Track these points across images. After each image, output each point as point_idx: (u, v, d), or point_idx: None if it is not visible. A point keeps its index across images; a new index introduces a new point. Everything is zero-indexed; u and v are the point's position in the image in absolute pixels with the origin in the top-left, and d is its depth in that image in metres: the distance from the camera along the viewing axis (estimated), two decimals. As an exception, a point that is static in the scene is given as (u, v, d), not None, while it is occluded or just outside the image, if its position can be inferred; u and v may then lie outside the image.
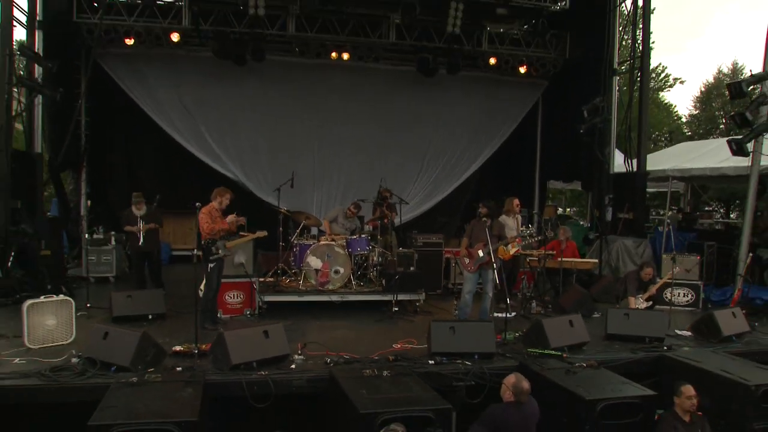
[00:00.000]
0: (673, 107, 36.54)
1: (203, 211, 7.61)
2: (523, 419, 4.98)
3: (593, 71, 13.15)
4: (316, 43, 13.16)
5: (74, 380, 5.46)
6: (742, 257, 9.66)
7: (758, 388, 5.62)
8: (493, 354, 6.40)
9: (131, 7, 12.27)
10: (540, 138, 15.93)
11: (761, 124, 9.04)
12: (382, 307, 8.82)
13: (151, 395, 4.91)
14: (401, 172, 14.11)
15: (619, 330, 7.36)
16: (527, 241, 8.46)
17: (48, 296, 6.72)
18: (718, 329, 7.40)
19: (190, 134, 13.32)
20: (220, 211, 7.75)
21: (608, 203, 12.72)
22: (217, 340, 5.94)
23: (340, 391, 5.23)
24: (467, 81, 14.38)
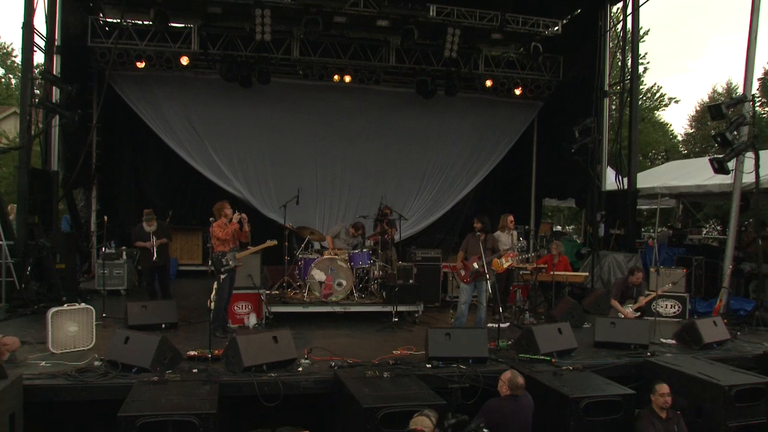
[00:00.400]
0: (668, 126, 37.30)
1: (215, 225, 8.10)
2: (519, 411, 5.44)
3: (586, 92, 13.78)
4: (319, 66, 13.80)
5: (98, 380, 5.93)
6: (726, 270, 10.14)
7: (731, 389, 6.08)
8: (486, 358, 6.88)
9: (143, 32, 12.93)
10: (535, 157, 16.50)
11: (741, 143, 9.60)
12: (383, 318, 9.28)
13: (172, 392, 5.39)
14: (401, 189, 14.67)
15: (606, 338, 7.83)
16: (523, 256, 9.00)
17: (70, 304, 7.21)
18: (700, 337, 7.88)
19: (197, 153, 13.89)
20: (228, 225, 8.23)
21: (600, 219, 13.24)
22: (229, 345, 6.42)
23: (345, 390, 5.71)
24: (464, 102, 15.02)
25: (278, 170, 14.16)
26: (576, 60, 14.42)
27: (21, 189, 10.12)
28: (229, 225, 8.16)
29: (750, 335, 8.90)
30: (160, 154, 14.35)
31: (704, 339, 7.86)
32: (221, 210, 8.26)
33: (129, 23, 12.55)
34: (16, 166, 10.64)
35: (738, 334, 8.80)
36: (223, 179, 14.02)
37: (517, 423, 5.41)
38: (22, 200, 10.15)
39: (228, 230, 8.15)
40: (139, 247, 9.91)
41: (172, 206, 13.86)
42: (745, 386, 6.22)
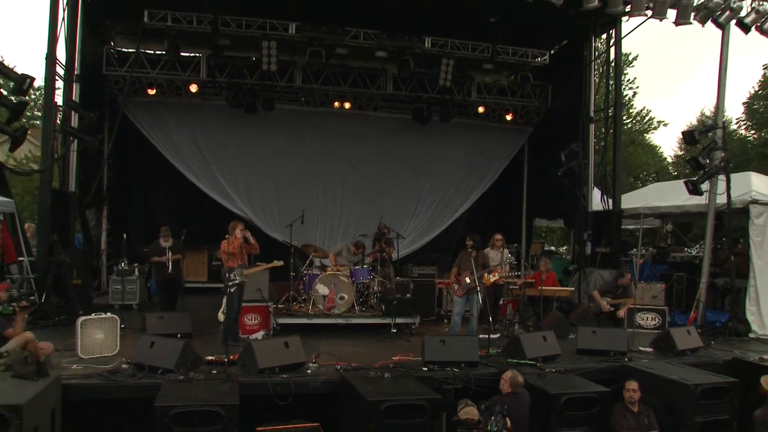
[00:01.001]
0: (658, 148, 38.34)
1: (224, 243, 8.82)
2: (519, 407, 6.20)
3: (573, 118, 14.63)
4: (321, 94, 14.66)
5: (128, 380, 6.62)
6: (701, 286, 10.92)
7: (697, 387, 6.82)
8: (477, 363, 7.60)
9: (154, 60, 13.75)
10: (526, 179, 17.34)
11: (713, 167, 10.44)
12: (382, 330, 9.97)
13: (197, 388, 6.10)
14: (398, 210, 15.43)
15: (588, 345, 8.56)
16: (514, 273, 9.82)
17: (97, 314, 7.91)
18: (674, 344, 8.62)
19: (203, 175, 14.64)
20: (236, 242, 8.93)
21: (587, 238, 14.00)
22: (245, 349, 7.13)
23: (351, 388, 6.42)
24: (458, 127, 15.87)
25: (281, 192, 14.92)
26: (564, 88, 15.31)
27: (43, 208, 10.82)
28: (235, 240, 8.87)
29: (723, 344, 9.64)
30: (168, 177, 15.04)
31: (678, 346, 8.60)
32: (233, 228, 8.98)
33: (142, 52, 13.33)
34: (37, 187, 11.36)
35: (712, 343, 9.55)
36: (229, 200, 14.75)
37: (518, 417, 6.13)
38: (43, 219, 10.84)
39: (234, 245, 8.85)
40: (154, 262, 10.62)
41: (179, 226, 14.54)
42: (709, 385, 6.97)
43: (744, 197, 10.90)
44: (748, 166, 27.47)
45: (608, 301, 10.07)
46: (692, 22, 8.75)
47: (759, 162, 28.07)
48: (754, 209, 10.72)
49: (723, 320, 10.68)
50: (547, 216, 17.14)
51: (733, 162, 30.06)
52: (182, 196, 15.37)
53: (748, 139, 31.63)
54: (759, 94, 30.18)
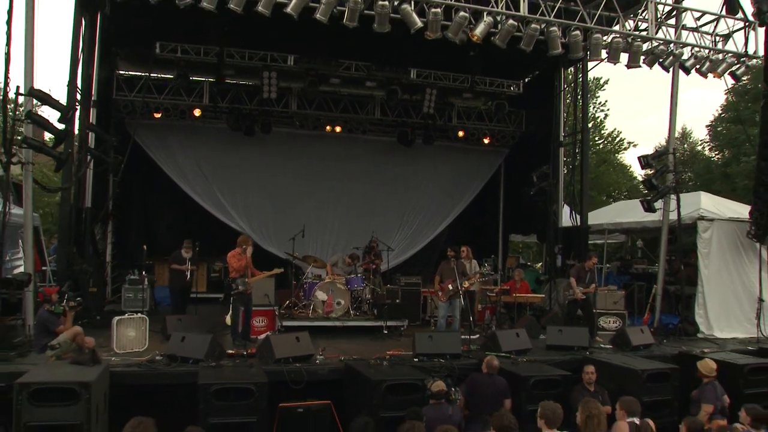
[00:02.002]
0: (628, 167, 40.30)
1: (230, 254, 10.06)
2: (491, 385, 7.51)
3: (545, 142, 16.19)
4: (314, 118, 16.06)
5: (165, 368, 7.85)
6: (658, 292, 12.45)
7: (644, 372, 8.23)
8: (459, 354, 8.96)
9: (161, 86, 15.00)
10: (502, 197, 18.82)
11: (665, 187, 12.01)
12: (375, 331, 11.27)
13: (229, 372, 7.37)
14: (385, 225, 16.70)
15: (556, 342, 9.96)
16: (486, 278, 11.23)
17: (130, 314, 9.12)
18: (629, 341, 10.06)
19: (204, 193, 15.83)
20: (243, 255, 10.18)
21: (557, 252, 15.48)
22: (263, 343, 8.41)
23: (356, 372, 7.73)
24: (440, 150, 17.35)
25: (277, 208, 16.16)
26: (536, 114, 16.89)
27: (63, 223, 11.96)
28: (243, 258, 10.09)
29: (673, 342, 11.10)
30: (167, 193, 16.13)
31: (632, 342, 10.05)
32: (244, 243, 10.21)
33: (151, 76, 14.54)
34: (58, 202, 12.50)
35: (664, 341, 11.02)
36: (228, 216, 15.94)
37: (488, 394, 7.48)
38: (64, 232, 11.98)
39: (241, 263, 10.08)
40: (174, 269, 11.82)
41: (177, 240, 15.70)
42: (654, 371, 8.40)
43: (693, 214, 12.47)
44: (712, 184, 29.51)
45: (581, 289, 11.44)
46: (642, 66, 10.30)
47: (722, 181, 30.07)
48: (701, 225, 12.29)
49: (675, 322, 12.18)
50: (522, 231, 18.65)
51: (698, 181, 32.01)
52: (181, 211, 16.43)
53: (713, 159, 33.67)
54: (722, 117, 32.11)
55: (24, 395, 6.17)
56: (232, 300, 10.05)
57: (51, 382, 6.36)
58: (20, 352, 8.34)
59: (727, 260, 12.28)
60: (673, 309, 13.16)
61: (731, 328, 11.96)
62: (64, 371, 6.88)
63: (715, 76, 10.74)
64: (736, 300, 12.22)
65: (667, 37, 10.45)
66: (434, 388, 7.02)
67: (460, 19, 8.98)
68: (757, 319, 11.79)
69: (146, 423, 4.75)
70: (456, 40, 9.30)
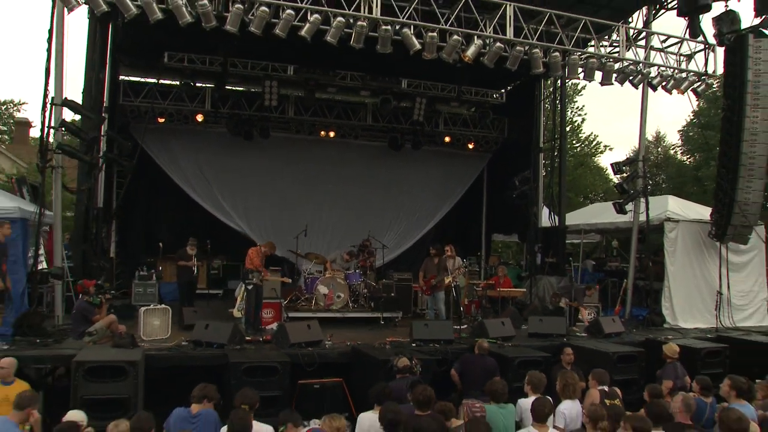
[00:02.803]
0: (604, 170, 41.94)
1: (252, 249, 11.17)
2: (482, 366, 8.62)
3: (525, 147, 17.49)
4: (309, 124, 17.15)
5: (193, 351, 8.89)
6: (628, 287, 13.78)
7: (614, 354, 9.47)
8: (452, 340, 10.13)
9: (165, 92, 15.97)
10: (485, 199, 20.14)
11: (635, 191, 13.32)
12: (372, 322, 12.38)
13: (254, 353, 8.44)
14: (377, 225, 17.80)
15: (537, 330, 11.17)
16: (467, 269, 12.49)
17: (155, 305, 10.13)
18: (602, 329, 11.31)
19: (204, 194, 16.84)
20: (261, 254, 11.30)
21: (537, 250, 16.77)
22: (278, 329, 9.49)
23: (363, 354, 8.86)
24: (427, 154, 18.56)
25: (274, 209, 17.23)
26: (517, 121, 18.20)
27: (80, 221, 12.88)
28: (260, 257, 11.23)
29: (642, 331, 12.38)
30: (171, 195, 17.12)
31: (605, 330, 11.30)
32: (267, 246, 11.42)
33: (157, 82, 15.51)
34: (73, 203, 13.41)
35: (634, 330, 12.31)
36: (227, 216, 16.98)
37: (479, 372, 8.62)
38: (79, 231, 12.90)
39: (255, 261, 11.21)
40: (180, 266, 12.80)
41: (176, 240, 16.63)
42: (623, 353, 9.65)
43: (661, 216, 13.80)
44: (684, 186, 31.16)
45: (566, 301, 12.75)
46: (614, 83, 11.58)
47: (693, 183, 31.73)
48: (667, 225, 13.61)
49: (644, 314, 13.48)
50: (504, 231, 19.91)
51: (671, 183, 33.44)
52: (182, 212, 17.39)
53: (684, 162, 35.39)
54: (693, 122, 33.76)
55: (80, 372, 7.19)
56: (247, 292, 11.12)
57: (103, 361, 7.40)
58: (56, 338, 9.33)
59: (690, 258, 13.62)
60: (643, 302, 14.48)
61: (694, 318, 13.28)
62: (111, 352, 7.92)
63: (679, 93, 12.08)
64: (699, 294, 13.56)
65: (637, 58, 11.75)
66: (400, 364, 7.88)
67: (454, 42, 10.16)
68: (716, 310, 13.14)
69: (146, 417, 5.33)
70: (450, 60, 10.48)
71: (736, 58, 12.46)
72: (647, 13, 13.23)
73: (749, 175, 12.49)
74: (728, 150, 12.84)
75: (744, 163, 12.42)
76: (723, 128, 13.15)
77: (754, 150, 12.41)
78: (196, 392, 5.83)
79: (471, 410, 5.87)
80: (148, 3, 9.12)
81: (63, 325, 10.22)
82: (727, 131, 12.93)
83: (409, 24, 9.94)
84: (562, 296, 13.33)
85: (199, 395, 5.83)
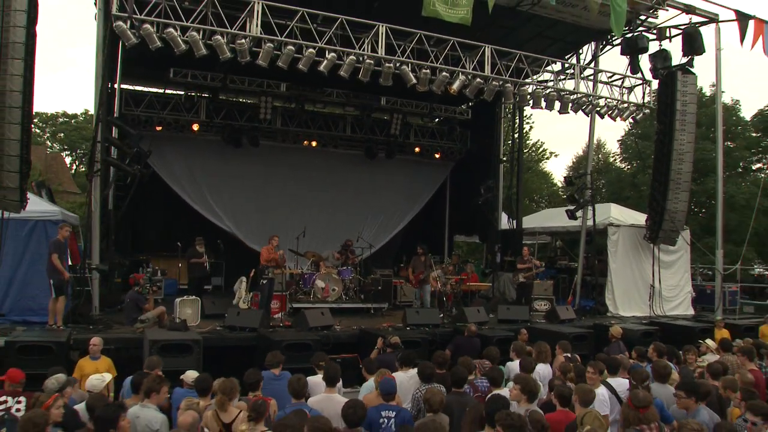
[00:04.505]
0: (550, 175, 45.39)
1: (265, 248, 13.20)
2: (470, 345, 10.91)
3: (486, 158, 20.08)
4: (293, 134, 19.16)
5: (229, 334, 10.90)
6: (577, 281, 16.50)
7: (570, 334, 11.97)
8: (438, 324, 12.49)
9: (164, 102, 17.67)
10: (448, 203, 22.65)
11: (584, 201, 16.01)
12: (363, 312, 14.61)
13: (287, 334, 10.53)
14: (352, 226, 20.02)
15: (505, 317, 13.65)
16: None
17: (188, 296, 12.05)
18: (557, 316, 13.88)
19: (196, 197, 18.56)
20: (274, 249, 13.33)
21: (497, 250, 19.36)
22: (299, 316, 11.61)
23: (371, 334, 11.06)
24: (399, 162, 20.89)
25: (261, 211, 19.07)
26: (479, 134, 20.78)
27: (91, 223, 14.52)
28: (274, 254, 13.25)
29: (590, 318, 15.04)
30: (158, 197, 18.73)
31: (560, 317, 13.87)
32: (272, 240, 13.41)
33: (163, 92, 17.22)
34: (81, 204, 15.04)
35: (583, 317, 14.97)
36: (216, 217, 18.74)
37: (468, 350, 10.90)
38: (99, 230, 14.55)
39: (270, 256, 13.25)
40: (192, 263, 14.58)
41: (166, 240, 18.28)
42: (576, 333, 12.21)
43: (605, 221, 16.58)
44: (622, 192, 34.51)
45: (522, 276, 15.28)
46: (570, 112, 14.18)
47: (631, 189, 35.12)
48: (610, 230, 16.40)
49: (591, 305, 16.20)
50: (465, 233, 22.50)
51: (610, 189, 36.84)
52: (168, 214, 19.02)
53: (623, 170, 38.90)
54: (631, 133, 37.19)
55: (155, 349, 9.11)
56: (262, 284, 13.13)
57: (174, 340, 9.36)
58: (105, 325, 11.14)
59: (629, 257, 16.45)
60: (589, 294, 17.22)
61: (632, 308, 16.10)
62: (175, 334, 9.87)
63: (622, 120, 14.84)
64: (636, 287, 16.39)
65: (588, 91, 14.41)
66: (392, 340, 9.87)
67: (442, 77, 12.48)
68: (650, 301, 16.02)
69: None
70: (439, 92, 12.82)
71: (667, 91, 15.36)
72: (595, 48, 15.99)
73: (677, 188, 15.38)
74: (660, 167, 15.69)
75: (673, 178, 15.30)
76: (656, 149, 16.03)
77: (681, 167, 15.30)
78: (271, 359, 7.80)
79: (482, 366, 8.16)
80: (149, 34, 10.81)
81: (98, 315, 12.00)
82: (660, 151, 15.79)
83: (407, 62, 12.19)
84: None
85: (275, 361, 7.82)
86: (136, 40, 10.79)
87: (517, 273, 15.56)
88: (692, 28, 15.02)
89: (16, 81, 10.20)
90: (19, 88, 10.22)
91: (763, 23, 14.99)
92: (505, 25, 14.80)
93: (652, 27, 15.29)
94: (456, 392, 6.89)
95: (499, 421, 4.95)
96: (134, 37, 10.75)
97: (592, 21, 14.09)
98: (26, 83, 10.30)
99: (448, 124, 19.85)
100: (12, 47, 10.17)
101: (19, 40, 10.19)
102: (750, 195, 26.72)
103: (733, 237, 23.61)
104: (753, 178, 32.32)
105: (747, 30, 14.91)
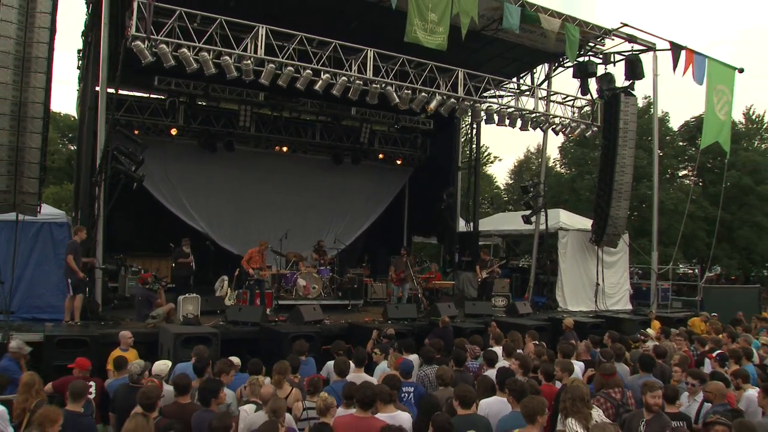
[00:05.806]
0: (493, 178, 47.83)
1: (252, 250, 14.52)
2: (446, 334, 12.58)
3: (444, 165, 21.95)
4: (266, 140, 20.43)
5: (233, 328, 12.20)
6: (531, 280, 18.52)
7: (531, 326, 13.86)
8: (416, 318, 14.15)
9: (143, 107, 18.61)
10: (407, 206, 24.41)
11: (537, 207, 18.02)
12: (340, 308, 16.07)
13: (286, 326, 11.95)
14: (320, 226, 21.50)
15: (472, 311, 15.43)
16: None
17: (189, 294, 13.26)
18: (517, 310, 15.78)
19: (172, 198, 19.54)
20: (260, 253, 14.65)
21: (455, 251, 21.22)
22: (294, 311, 13.02)
23: (358, 327, 12.62)
24: (364, 167, 22.47)
25: (235, 213, 20.29)
26: (438, 143, 22.63)
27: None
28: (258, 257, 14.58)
29: (543, 313, 17.03)
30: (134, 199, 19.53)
31: (519, 311, 15.76)
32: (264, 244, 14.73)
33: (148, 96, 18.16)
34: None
35: (537, 312, 16.94)
36: (191, 218, 19.78)
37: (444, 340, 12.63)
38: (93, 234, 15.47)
39: (256, 259, 14.59)
40: (180, 262, 15.66)
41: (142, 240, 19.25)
42: (536, 325, 14.11)
43: (555, 226, 18.67)
44: (562, 195, 37.10)
45: (485, 272, 17.15)
46: (529, 129, 16.13)
47: (570, 193, 37.72)
48: (560, 233, 18.50)
49: (543, 301, 18.24)
50: (423, 234, 24.32)
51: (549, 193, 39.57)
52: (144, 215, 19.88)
53: (562, 175, 41.60)
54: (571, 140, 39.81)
55: (179, 341, 10.37)
56: (249, 283, 14.45)
57: (195, 333, 10.62)
58: (115, 321, 12.26)
59: (577, 258, 18.59)
60: (542, 291, 19.27)
61: (579, 304, 18.22)
62: (193, 328, 11.12)
63: (573, 137, 16.91)
64: (582, 285, 18.54)
65: (543, 110, 16.41)
66: (388, 331, 11.46)
67: (421, 97, 14.15)
68: (594, 297, 18.20)
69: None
70: (417, 110, 14.48)
71: (611, 110, 17.54)
72: (549, 68, 18.03)
73: (619, 197, 17.59)
74: (604, 177, 17.88)
75: (616, 188, 17.49)
76: (601, 161, 18.22)
77: (623, 178, 17.50)
78: (299, 347, 9.21)
79: (473, 351, 9.84)
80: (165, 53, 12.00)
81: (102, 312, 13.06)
82: (604, 163, 17.98)
83: (391, 83, 13.79)
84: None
85: (302, 349, 9.23)
86: (152, 59, 11.92)
87: (480, 272, 17.39)
88: (633, 55, 17.25)
89: (38, 93, 11.17)
90: (41, 99, 11.19)
91: (692, 53, 17.39)
92: (469, 47, 16.59)
93: (599, 53, 17.44)
94: (457, 370, 8.54)
95: (509, 386, 6.63)
96: (150, 56, 11.88)
97: (547, 45, 16.06)
98: (46, 95, 11.32)
99: (411, 133, 21.65)
100: (35, 62, 11.13)
101: (42, 55, 11.14)
102: (677, 200, 29.74)
103: (663, 239, 26.30)
104: (679, 184, 35.61)
105: (680, 58, 17.27)
